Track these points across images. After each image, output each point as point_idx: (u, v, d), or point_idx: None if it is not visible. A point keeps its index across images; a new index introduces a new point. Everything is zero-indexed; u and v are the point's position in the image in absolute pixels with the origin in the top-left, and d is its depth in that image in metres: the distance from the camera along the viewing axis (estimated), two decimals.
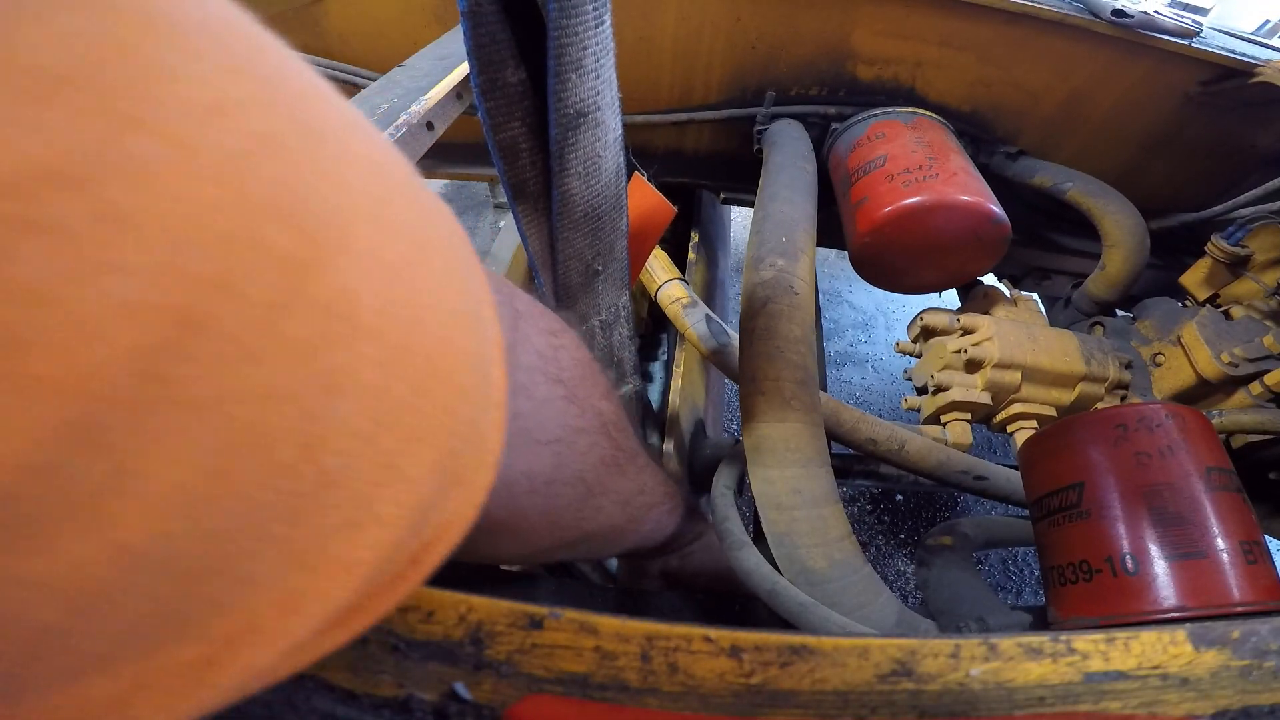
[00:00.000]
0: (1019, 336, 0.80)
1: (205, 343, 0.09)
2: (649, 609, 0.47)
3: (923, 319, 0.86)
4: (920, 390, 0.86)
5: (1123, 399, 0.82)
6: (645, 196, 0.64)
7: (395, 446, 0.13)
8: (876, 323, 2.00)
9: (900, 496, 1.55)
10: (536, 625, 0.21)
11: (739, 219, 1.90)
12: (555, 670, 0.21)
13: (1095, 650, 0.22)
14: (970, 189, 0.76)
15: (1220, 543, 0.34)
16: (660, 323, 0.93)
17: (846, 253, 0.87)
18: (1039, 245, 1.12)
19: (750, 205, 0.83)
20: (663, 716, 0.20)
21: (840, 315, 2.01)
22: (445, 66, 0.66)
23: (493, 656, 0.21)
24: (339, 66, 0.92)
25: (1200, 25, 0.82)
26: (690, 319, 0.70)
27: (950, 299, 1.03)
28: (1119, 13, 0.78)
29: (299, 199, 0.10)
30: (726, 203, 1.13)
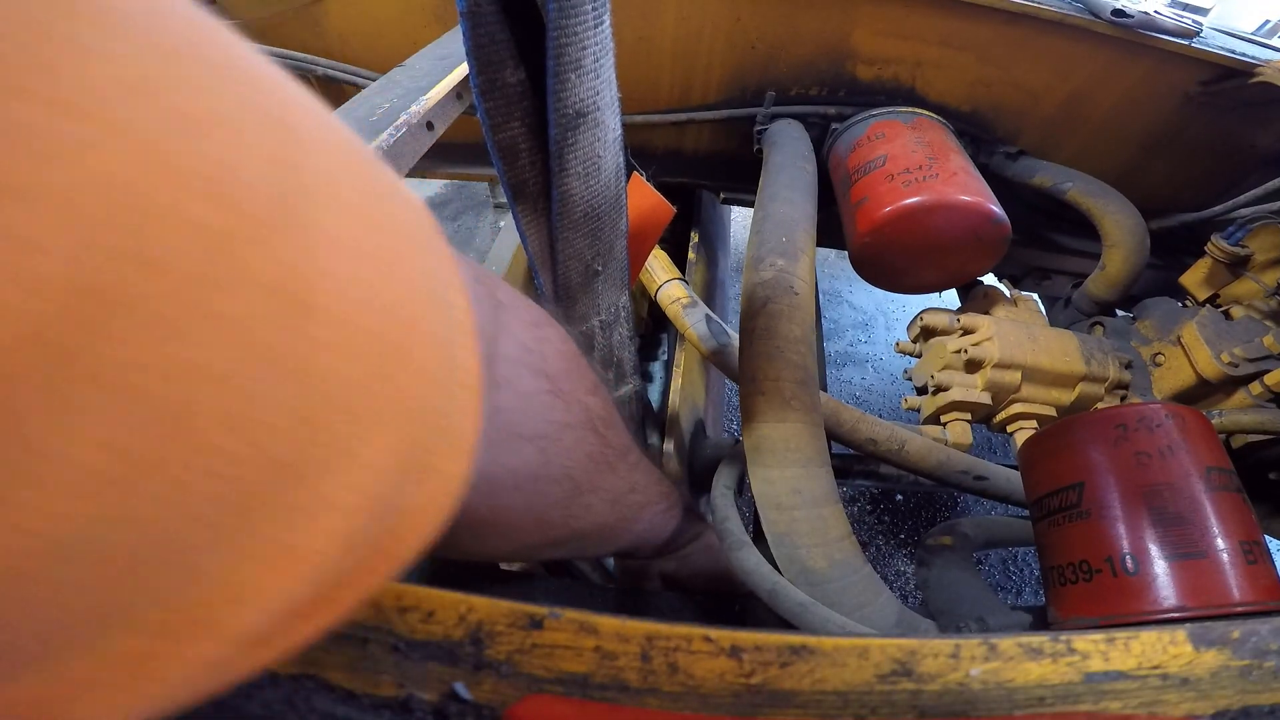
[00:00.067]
0: (1019, 336, 0.80)
1: (122, 318, 0.09)
2: (649, 609, 0.47)
3: (923, 319, 0.86)
4: (920, 390, 0.86)
5: (1123, 399, 0.82)
6: (645, 196, 0.64)
7: (349, 430, 0.12)
8: (876, 323, 2.00)
9: (900, 496, 1.55)
10: (536, 625, 0.21)
11: (739, 219, 1.90)
12: (555, 670, 0.21)
13: (1095, 650, 0.22)
14: (970, 189, 0.76)
15: (1220, 543, 0.34)
16: (660, 323, 0.93)
17: (846, 253, 0.87)
18: (1039, 245, 1.12)
19: (750, 205, 0.83)
20: (663, 716, 0.20)
21: (840, 315, 2.01)
22: (445, 66, 0.66)
23: (493, 656, 0.21)
24: (339, 66, 0.92)
25: (1200, 25, 0.82)
26: (690, 319, 0.70)
27: (950, 299, 1.03)
28: (1119, 13, 0.78)
29: (237, 178, 0.10)
30: (726, 203, 1.13)
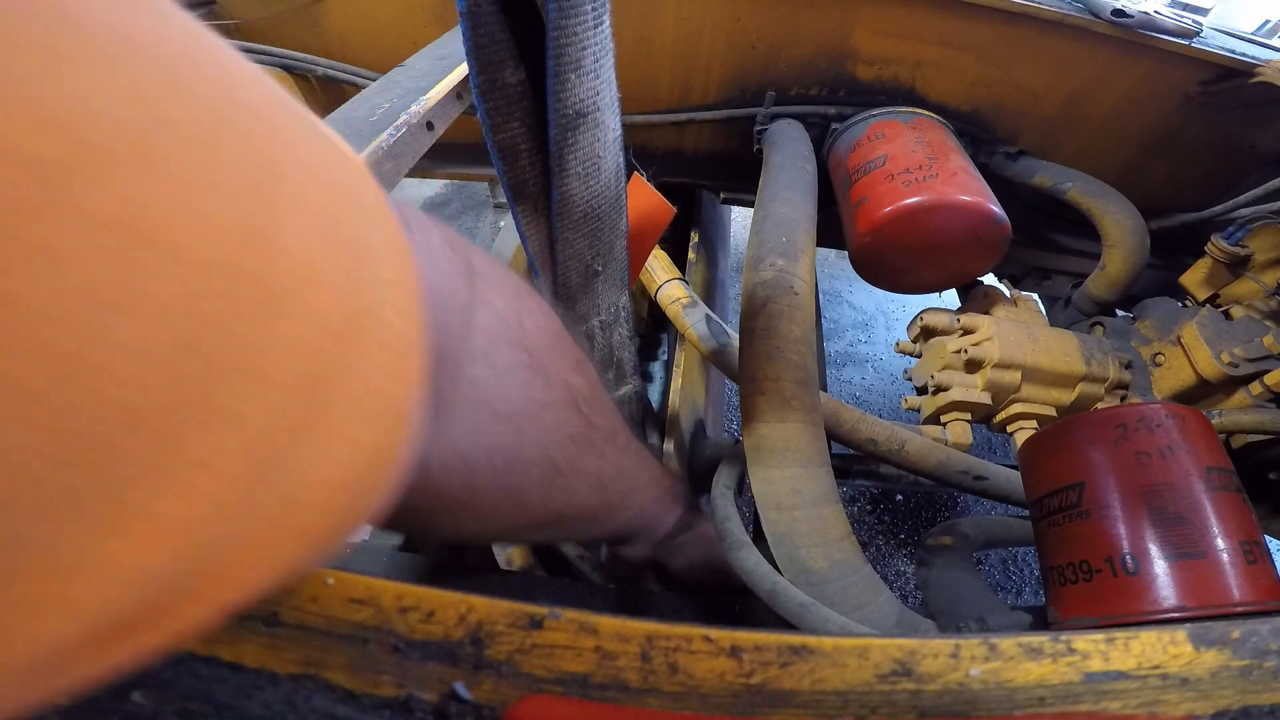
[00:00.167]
0: (1019, 336, 0.80)
1: None
2: (649, 609, 0.47)
3: (923, 319, 0.86)
4: (920, 390, 0.86)
5: (1123, 399, 0.82)
6: (645, 196, 0.64)
7: (217, 381, 0.11)
8: (876, 323, 2.00)
9: (900, 496, 1.56)
10: (536, 625, 0.21)
11: (739, 219, 1.90)
12: (555, 670, 0.21)
13: (1095, 650, 0.22)
14: (970, 189, 0.76)
15: (1220, 543, 0.34)
16: (660, 323, 0.93)
17: (846, 253, 0.87)
18: (1039, 245, 1.12)
19: (750, 205, 0.83)
20: (663, 716, 0.20)
21: (840, 315, 2.01)
22: (445, 66, 0.66)
23: (493, 656, 0.21)
24: (339, 66, 0.92)
25: (1200, 25, 0.82)
26: (690, 319, 0.70)
27: (950, 299, 1.03)
28: (1119, 13, 0.78)
29: (73, 112, 0.09)
30: (726, 203, 1.13)
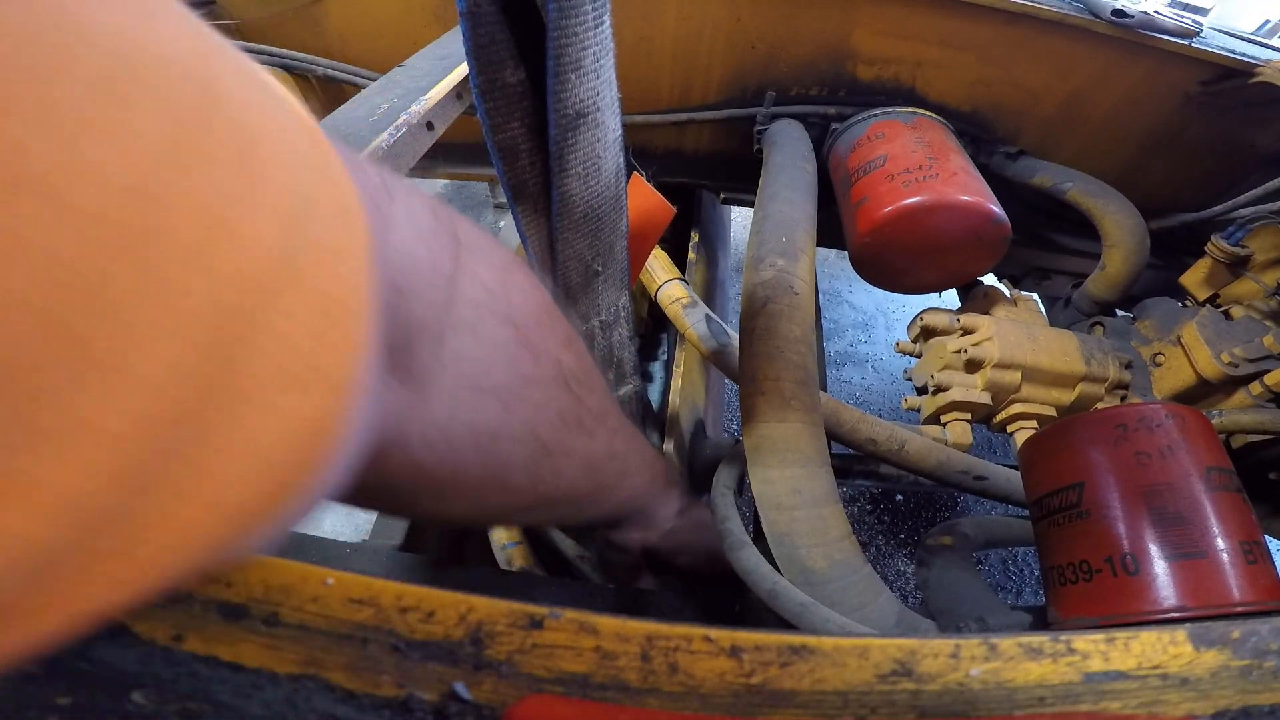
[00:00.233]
0: (1019, 336, 0.80)
1: None
2: (649, 609, 0.47)
3: (923, 319, 0.86)
4: (920, 390, 0.86)
5: (1123, 399, 0.82)
6: (645, 197, 0.64)
7: (100, 332, 0.10)
8: (876, 323, 2.00)
9: (900, 496, 1.55)
10: (536, 625, 0.21)
11: (739, 219, 1.90)
12: (555, 670, 0.21)
13: (1095, 650, 0.22)
14: (970, 189, 0.76)
15: (1220, 543, 0.34)
16: (660, 323, 0.93)
17: (846, 253, 0.87)
18: (1039, 245, 1.12)
19: (750, 205, 0.83)
20: (663, 716, 0.20)
21: (840, 315, 2.01)
22: (445, 66, 0.66)
23: (493, 656, 0.21)
24: (339, 66, 0.92)
25: (1200, 25, 0.82)
26: (690, 319, 0.70)
27: (950, 299, 1.03)
28: (1119, 13, 0.78)
29: None
30: (726, 203, 1.13)
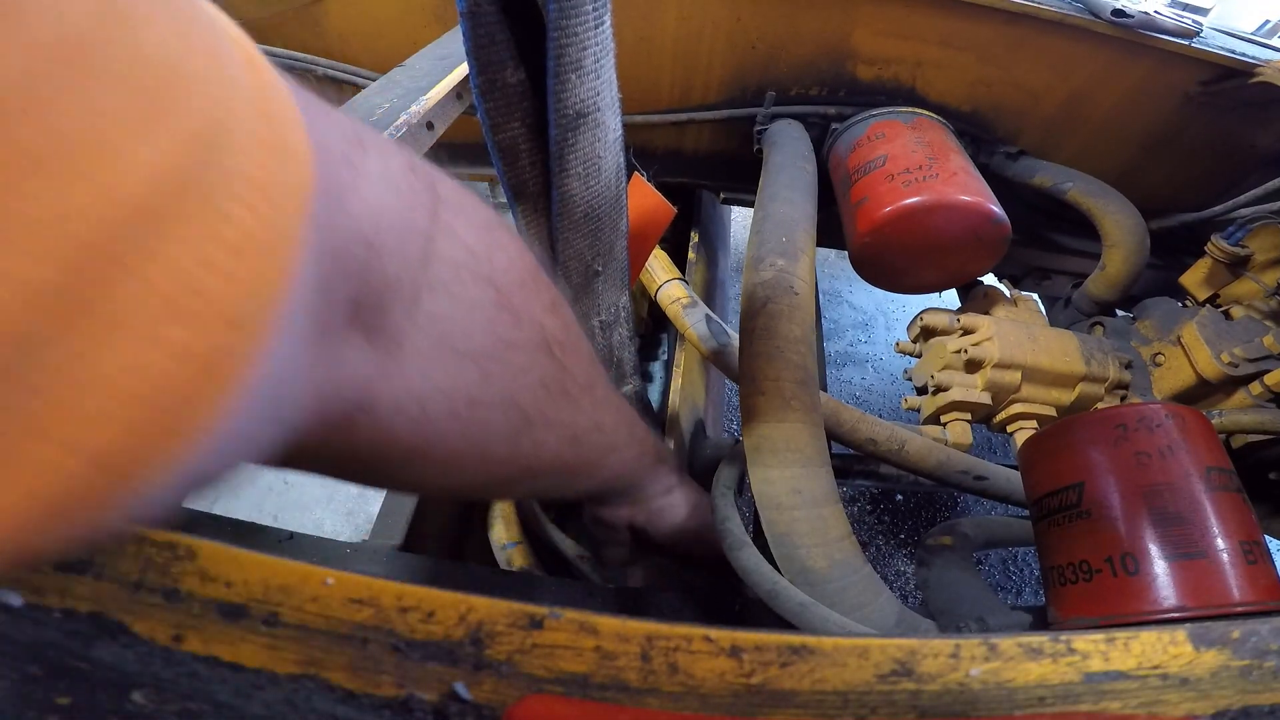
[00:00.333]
0: (1019, 336, 0.80)
1: None
2: (649, 609, 0.47)
3: (923, 319, 0.86)
4: (920, 390, 0.86)
5: (1123, 399, 0.82)
6: (645, 196, 0.64)
7: None
8: (876, 323, 2.00)
9: (900, 496, 1.55)
10: (536, 625, 0.21)
11: (739, 219, 1.90)
12: (555, 670, 0.21)
13: (1095, 650, 0.22)
14: (970, 189, 0.76)
15: (1220, 543, 0.34)
16: (660, 323, 0.92)
17: (846, 253, 0.87)
18: (1039, 245, 1.12)
19: (750, 205, 0.83)
20: (663, 716, 0.20)
21: (840, 315, 2.01)
22: (445, 66, 0.66)
23: (493, 656, 0.21)
24: (339, 66, 0.92)
25: (1200, 25, 0.82)
26: (690, 319, 0.70)
27: (950, 299, 1.03)
28: (1119, 13, 0.78)
29: None
30: (726, 203, 1.13)
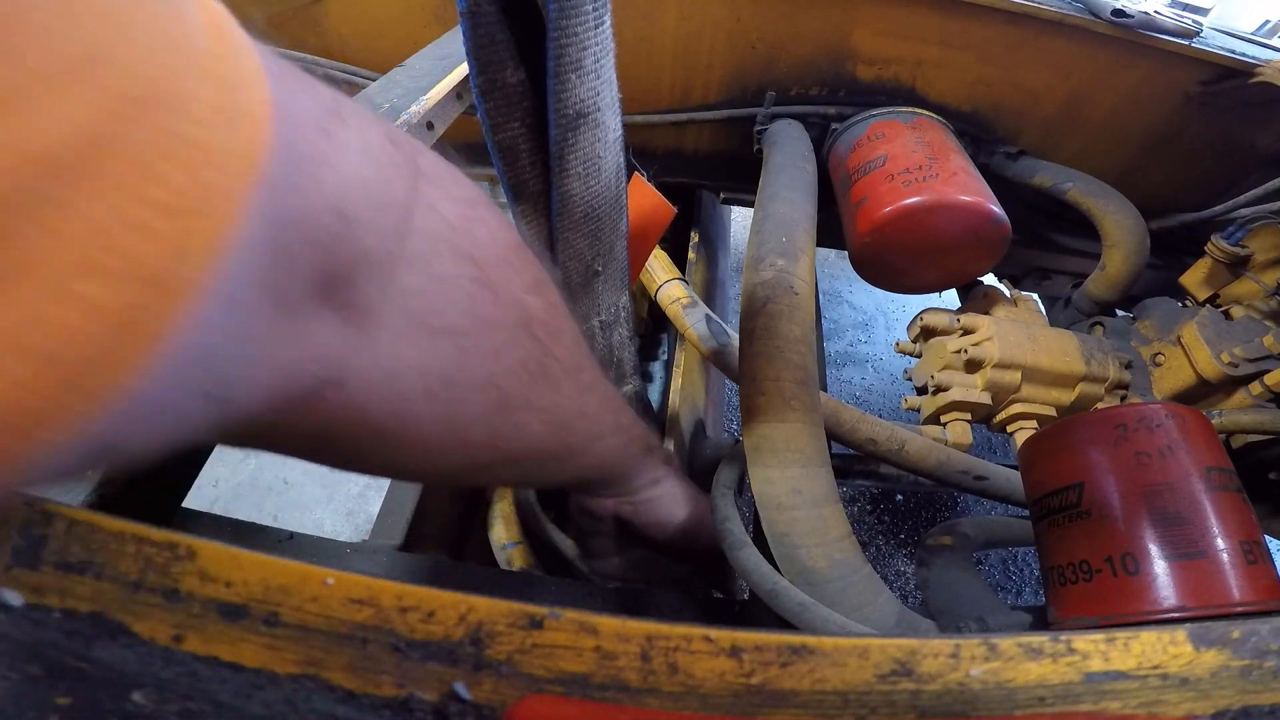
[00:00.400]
0: (1019, 336, 0.80)
1: None
2: (649, 609, 0.47)
3: (923, 319, 0.86)
4: (920, 390, 0.86)
5: (1123, 399, 0.82)
6: (645, 196, 0.64)
7: None
8: (876, 323, 2.00)
9: (900, 496, 1.55)
10: (536, 625, 0.21)
11: (739, 219, 1.90)
12: (555, 670, 0.21)
13: (1095, 650, 0.22)
14: (970, 189, 0.76)
15: (1220, 543, 0.34)
16: (660, 323, 0.92)
17: (846, 253, 0.87)
18: (1039, 245, 1.12)
19: (750, 205, 0.83)
20: (663, 716, 0.20)
21: (840, 315, 2.01)
22: (445, 66, 0.66)
23: (493, 656, 0.21)
24: (339, 66, 0.92)
25: (1200, 25, 0.82)
26: (690, 319, 0.70)
27: (950, 299, 1.03)
28: (1119, 13, 0.78)
29: None
30: (726, 203, 1.13)
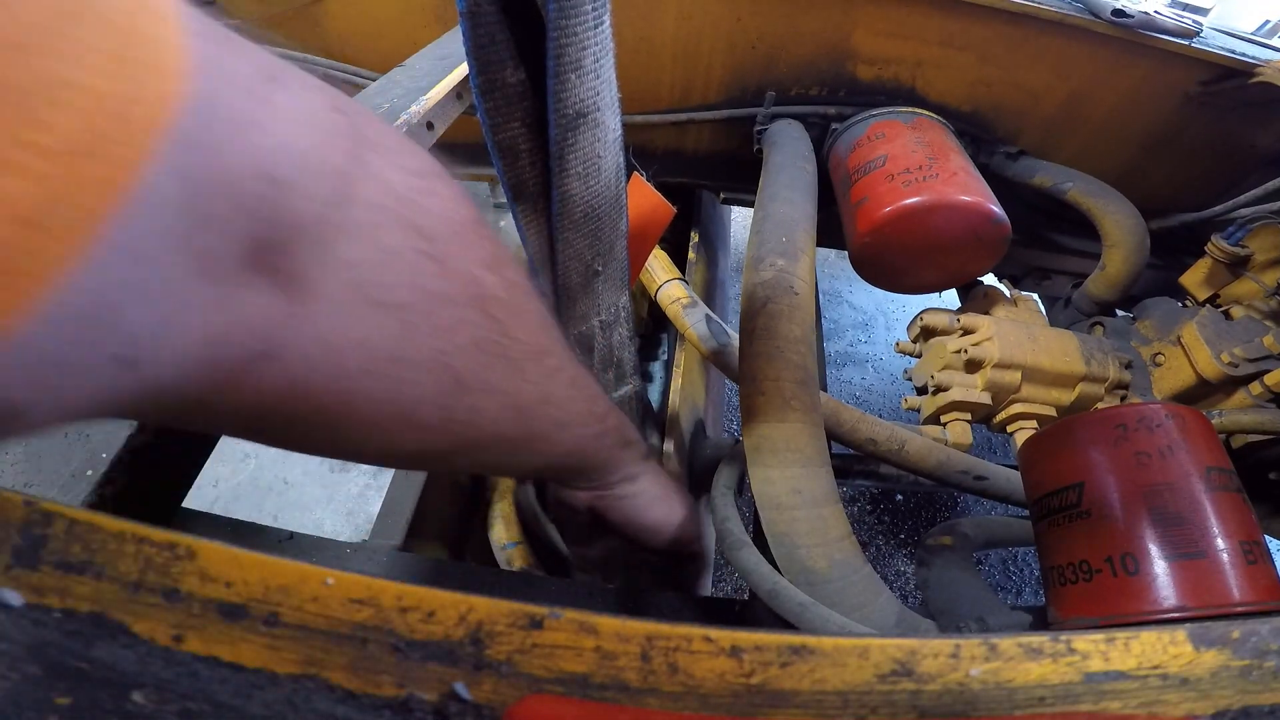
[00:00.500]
0: (1019, 336, 0.80)
1: None
2: (649, 609, 0.47)
3: (923, 319, 0.86)
4: (920, 390, 0.86)
5: (1123, 399, 0.82)
6: (645, 196, 0.64)
7: None
8: (876, 323, 2.00)
9: (900, 496, 1.56)
10: (536, 625, 0.21)
11: (739, 219, 1.90)
12: (555, 670, 0.21)
13: (1095, 650, 0.22)
14: (970, 189, 0.76)
15: (1220, 543, 0.34)
16: (660, 323, 0.93)
17: (846, 253, 0.87)
18: (1039, 245, 1.12)
19: (750, 205, 0.83)
20: (663, 716, 0.20)
21: (840, 315, 2.01)
22: (445, 66, 0.66)
23: (493, 656, 0.21)
24: (339, 66, 0.92)
25: (1200, 25, 0.82)
26: (690, 319, 0.70)
27: (950, 299, 1.03)
28: (1119, 13, 0.78)
29: None
30: (726, 203, 1.13)
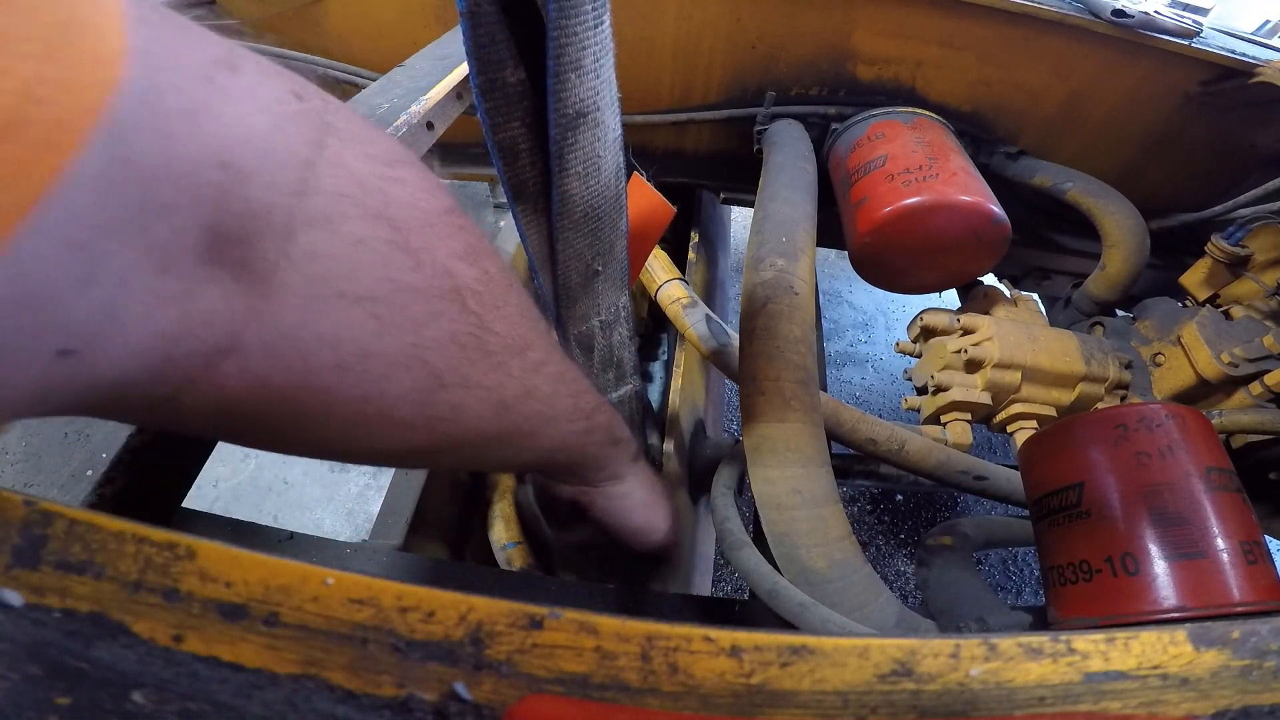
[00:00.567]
0: (1019, 336, 0.80)
1: None
2: (649, 609, 0.47)
3: (923, 319, 0.86)
4: (920, 390, 0.86)
5: (1123, 399, 0.82)
6: (645, 196, 0.64)
7: None
8: (876, 323, 2.00)
9: (900, 496, 1.56)
10: (537, 625, 0.21)
11: (739, 219, 1.90)
12: (555, 670, 0.21)
13: (1095, 650, 0.22)
14: (970, 189, 0.76)
15: (1220, 543, 0.34)
16: (660, 323, 0.92)
17: (846, 253, 0.87)
18: (1039, 245, 1.12)
19: (750, 205, 0.83)
20: (663, 716, 0.20)
21: (840, 315, 2.01)
22: (445, 66, 0.66)
23: (493, 656, 0.21)
24: (339, 66, 0.92)
25: (1200, 25, 0.82)
26: (690, 319, 0.70)
27: (950, 299, 1.03)
28: (1119, 13, 0.78)
29: None
30: (726, 203, 1.13)
